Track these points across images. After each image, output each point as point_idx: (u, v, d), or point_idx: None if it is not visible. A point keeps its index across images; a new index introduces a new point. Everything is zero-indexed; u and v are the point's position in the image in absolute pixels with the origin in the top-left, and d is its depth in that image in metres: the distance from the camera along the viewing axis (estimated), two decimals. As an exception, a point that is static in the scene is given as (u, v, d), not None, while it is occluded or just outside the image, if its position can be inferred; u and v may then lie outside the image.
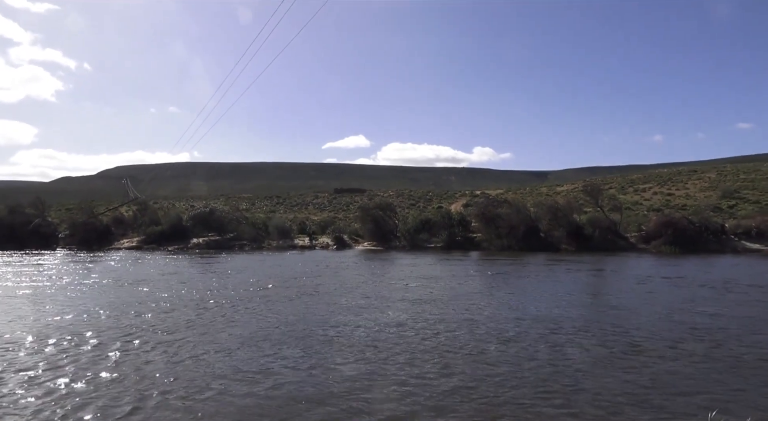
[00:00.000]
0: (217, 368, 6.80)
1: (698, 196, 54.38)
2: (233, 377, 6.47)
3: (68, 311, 10.93)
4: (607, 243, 30.79)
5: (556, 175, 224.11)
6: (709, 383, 6.27)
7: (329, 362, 7.14)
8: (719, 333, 8.81)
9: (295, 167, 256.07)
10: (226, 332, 8.97)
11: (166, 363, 7.06)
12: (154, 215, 41.54)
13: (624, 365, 7.03)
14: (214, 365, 6.98)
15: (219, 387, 6.07)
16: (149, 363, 7.06)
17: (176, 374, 6.55)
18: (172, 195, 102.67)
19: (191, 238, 36.49)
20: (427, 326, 9.44)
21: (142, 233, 37.70)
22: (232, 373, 6.62)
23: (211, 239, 36.24)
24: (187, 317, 10.29)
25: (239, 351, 7.68)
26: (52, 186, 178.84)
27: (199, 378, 6.40)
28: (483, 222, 33.92)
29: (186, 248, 33.98)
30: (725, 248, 29.34)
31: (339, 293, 13.59)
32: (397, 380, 6.32)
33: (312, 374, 6.62)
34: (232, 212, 43.46)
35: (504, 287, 15.20)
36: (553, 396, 5.81)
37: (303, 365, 6.95)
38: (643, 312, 10.79)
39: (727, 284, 15.13)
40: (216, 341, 8.32)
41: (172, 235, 36.32)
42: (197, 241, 35.81)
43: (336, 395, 5.83)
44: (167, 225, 37.33)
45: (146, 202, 51.78)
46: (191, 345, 8.02)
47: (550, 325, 9.47)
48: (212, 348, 7.83)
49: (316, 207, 73.51)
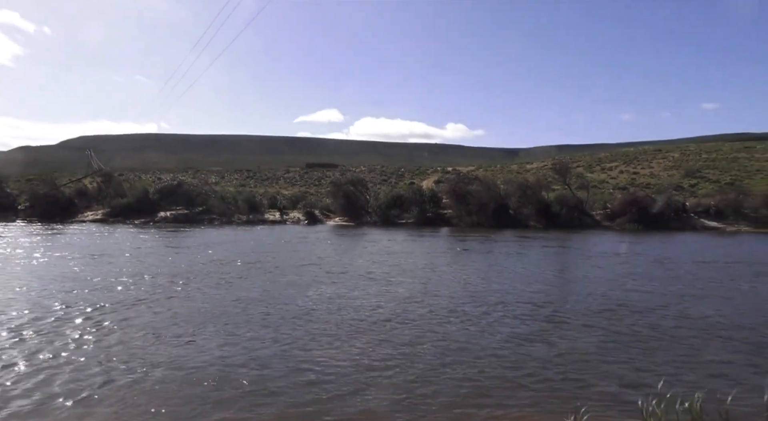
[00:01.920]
0: (155, 350, 6.69)
1: (662, 174, 56.02)
2: (171, 358, 6.40)
3: (18, 285, 10.57)
4: (573, 220, 31.54)
5: (527, 153, 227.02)
6: (604, 357, 6.54)
7: (283, 340, 7.14)
8: (640, 308, 9.14)
9: (266, 141, 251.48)
10: (177, 309, 8.85)
11: (107, 342, 6.93)
12: (119, 188, 40.29)
13: (538, 339, 7.28)
14: (153, 346, 6.89)
15: (150, 372, 5.98)
16: (85, 343, 6.92)
17: (116, 354, 6.44)
18: (139, 167, 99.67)
19: (158, 211, 35.64)
20: (387, 302, 9.53)
21: (107, 205, 36.57)
22: (175, 355, 6.55)
23: (178, 212, 35.48)
24: (143, 292, 10.10)
25: (184, 329, 7.59)
26: (11, 155, 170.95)
27: (140, 358, 6.31)
28: (454, 199, 34.21)
29: (152, 221, 33.18)
30: (685, 226, 30.47)
31: (304, 269, 13.55)
32: (345, 356, 6.38)
33: (270, 353, 6.61)
34: (201, 185, 42.56)
35: (467, 263, 15.47)
36: (452, 369, 5.99)
37: (255, 343, 6.93)
38: (581, 289, 11.14)
39: (674, 261, 15.77)
40: (161, 319, 8.20)
41: (138, 208, 35.35)
42: (164, 214, 35.01)
43: (287, 378, 5.85)
44: (133, 198, 36.29)
45: (111, 174, 50.06)
46: (140, 322, 7.89)
47: (494, 301, 9.71)
48: (157, 326, 7.72)
49: (287, 182, 72.67)
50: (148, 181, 50.90)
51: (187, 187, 38.89)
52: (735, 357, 6.53)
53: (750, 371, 6.06)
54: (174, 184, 38.61)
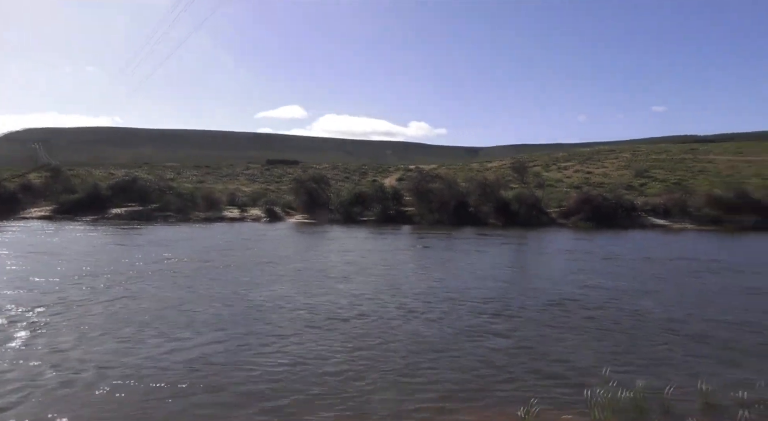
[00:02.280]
0: (90, 352, 6.49)
1: (614, 174, 58.28)
2: (119, 360, 6.23)
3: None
4: (531, 219, 32.37)
5: (487, 152, 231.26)
6: (552, 350, 6.84)
7: (225, 341, 7.05)
8: (587, 303, 9.57)
9: (226, 136, 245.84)
10: (119, 309, 8.59)
11: (38, 345, 6.67)
12: (68, 183, 38.43)
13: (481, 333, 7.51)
14: (88, 348, 6.68)
15: (81, 374, 5.81)
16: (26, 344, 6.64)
17: (48, 356, 6.21)
18: (90, 162, 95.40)
19: (111, 208, 34.25)
20: (341, 299, 9.55)
21: (55, 201, 34.86)
22: (120, 355, 6.37)
23: (133, 209, 34.20)
24: (86, 292, 9.73)
25: (125, 331, 7.39)
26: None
27: (75, 360, 6.11)
28: (416, 196, 34.50)
29: (105, 218, 31.89)
30: (635, 224, 31.82)
31: (259, 267, 13.38)
32: (288, 352, 6.37)
33: (216, 355, 6.52)
34: (157, 181, 41.16)
35: (426, 260, 15.68)
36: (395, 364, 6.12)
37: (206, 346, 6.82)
38: (533, 285, 11.53)
39: (622, 258, 16.51)
40: (100, 320, 7.95)
41: (89, 204, 33.84)
42: (118, 211, 33.68)
43: (227, 376, 5.79)
44: (84, 194, 34.71)
45: (59, 168, 47.76)
46: (78, 323, 7.62)
47: (449, 297, 9.91)
48: (95, 328, 7.48)
49: (247, 178, 71.33)
50: (100, 177, 48.83)
51: (142, 183, 37.56)
52: (672, 348, 6.91)
53: (686, 360, 6.43)
54: (128, 180, 37.22)
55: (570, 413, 4.85)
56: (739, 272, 13.90)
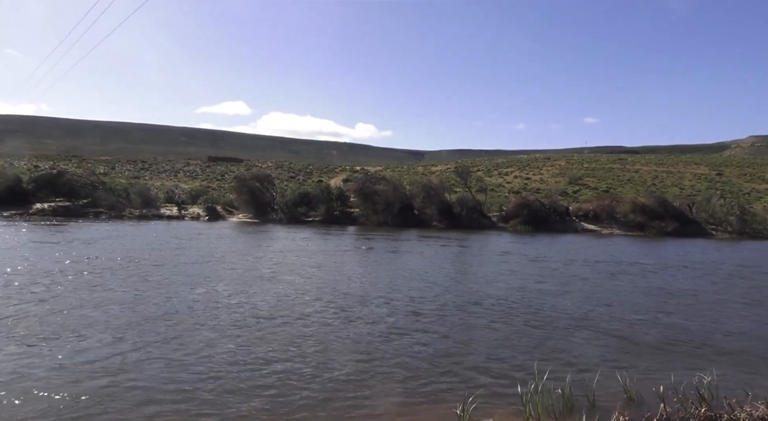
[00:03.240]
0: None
1: (550, 181, 61.05)
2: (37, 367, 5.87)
3: None
4: (473, 221, 33.29)
5: (432, 155, 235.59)
6: (482, 349, 7.16)
7: (145, 348, 6.80)
8: (509, 303, 10.04)
9: (163, 131, 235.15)
10: (25, 313, 8.08)
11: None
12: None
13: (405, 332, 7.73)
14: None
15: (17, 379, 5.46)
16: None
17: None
18: (10, 152, 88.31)
19: (34, 203, 31.90)
20: (278, 303, 9.43)
21: (-32, 194, 31.98)
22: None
23: (59, 204, 31.98)
24: (22, 295, 9.05)
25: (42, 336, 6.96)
26: None
27: (33, 362, 5.69)
28: (361, 198, 34.57)
29: (26, 213, 29.64)
30: (568, 228, 33.49)
31: (190, 267, 12.94)
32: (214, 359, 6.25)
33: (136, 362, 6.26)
34: (87, 175, 38.77)
35: (364, 261, 15.77)
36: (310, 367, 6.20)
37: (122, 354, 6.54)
38: (464, 286, 11.92)
39: (551, 260, 17.36)
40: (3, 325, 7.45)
41: (8, 198, 31.29)
42: (41, 206, 31.40)
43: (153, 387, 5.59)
44: (2, 186, 32.07)
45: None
46: (25, 325, 7.08)
47: (380, 297, 10.06)
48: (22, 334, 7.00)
49: (187, 175, 68.75)
50: (22, 169, 45.35)
51: (69, 177, 35.23)
52: (591, 343, 7.33)
53: (604, 355, 6.84)
54: (53, 173, 34.80)
55: (505, 410, 5.03)
56: (653, 272, 15.03)
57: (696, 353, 7.12)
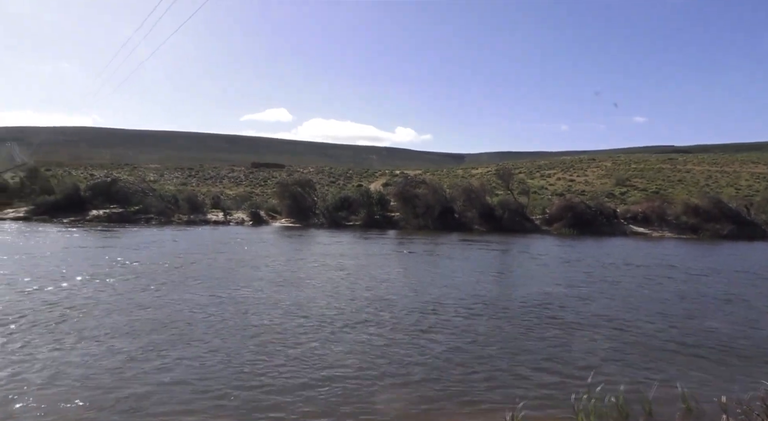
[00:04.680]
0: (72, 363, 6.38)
1: (596, 182, 59.20)
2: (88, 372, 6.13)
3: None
4: (515, 225, 32.66)
5: (472, 158, 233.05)
6: (529, 353, 6.93)
7: (216, 347, 6.97)
8: (557, 307, 9.71)
9: (209, 138, 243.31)
10: (107, 318, 8.45)
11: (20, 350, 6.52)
12: (45, 183, 37.55)
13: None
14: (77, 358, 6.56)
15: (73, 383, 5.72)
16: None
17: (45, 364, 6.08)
18: (69, 162, 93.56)
19: (90, 210, 33.61)
20: (324, 307, 9.52)
21: (31, 202, 34.06)
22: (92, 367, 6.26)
23: (113, 211, 33.58)
24: (71, 297, 9.54)
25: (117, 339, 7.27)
26: None
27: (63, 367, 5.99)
28: (401, 201, 34.57)
29: (83, 220, 31.27)
30: (616, 231, 32.35)
31: (250, 273, 13.26)
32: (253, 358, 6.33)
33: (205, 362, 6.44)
34: (138, 183, 40.56)
35: (408, 266, 15.72)
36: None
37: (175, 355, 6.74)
38: (517, 290, 11.66)
39: (594, 263, 16.76)
40: (90, 327, 7.81)
41: (67, 206, 33.14)
42: (97, 213, 33.05)
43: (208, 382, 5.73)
44: (62, 195, 33.97)
45: (36, 168, 46.70)
46: (78, 330, 7.46)
47: (430, 300, 9.95)
48: (90, 335, 7.35)
49: (231, 181, 70.76)
50: (79, 178, 47.94)
51: (122, 185, 36.95)
52: (645, 351, 7.01)
53: (660, 364, 6.53)
54: (108, 181, 36.58)
55: (555, 418, 4.89)
56: (705, 276, 14.31)
57: (756, 363, 6.70)
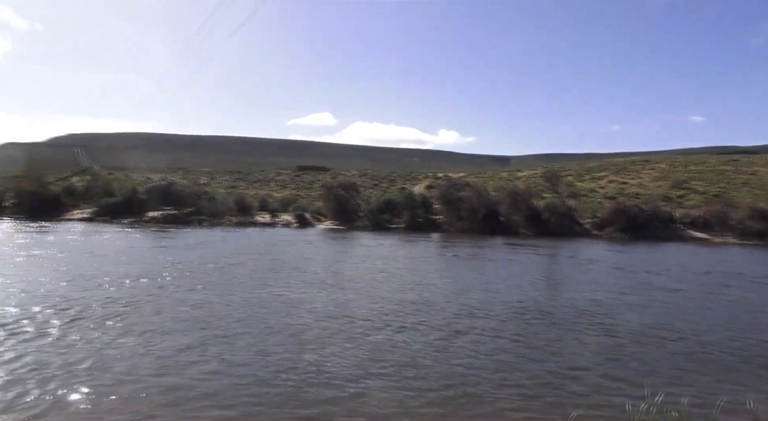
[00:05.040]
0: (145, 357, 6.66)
1: (651, 185, 56.66)
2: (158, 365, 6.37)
3: (10, 282, 10.43)
4: (563, 228, 31.74)
5: (518, 161, 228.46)
6: (581, 363, 6.62)
7: (268, 347, 7.12)
8: (612, 315, 9.27)
9: (257, 143, 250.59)
10: (169, 313, 8.80)
11: (95, 344, 6.86)
12: (107, 186, 39.82)
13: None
14: (144, 351, 6.84)
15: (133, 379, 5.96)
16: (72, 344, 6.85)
17: (103, 357, 6.39)
18: (128, 166, 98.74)
19: (147, 211, 35.29)
20: (374, 307, 9.54)
21: (95, 204, 36.14)
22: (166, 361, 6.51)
23: (168, 212, 35.12)
24: (135, 292, 10.01)
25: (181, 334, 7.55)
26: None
27: (127, 361, 6.26)
28: (445, 204, 34.31)
29: (141, 221, 32.87)
30: (673, 236, 30.82)
31: (293, 274, 13.51)
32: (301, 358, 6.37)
33: (254, 362, 6.59)
34: (191, 186, 42.26)
35: (453, 268, 15.53)
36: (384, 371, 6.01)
37: (249, 350, 6.91)
38: (558, 294, 11.26)
39: (646, 270, 15.97)
40: (155, 321, 8.14)
41: (126, 207, 34.97)
42: (153, 214, 34.66)
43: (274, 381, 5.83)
44: (122, 197, 35.89)
45: (99, 172, 49.59)
46: (130, 324, 7.82)
47: (477, 306, 9.76)
48: (154, 329, 7.67)
49: (278, 184, 72.40)
50: (137, 181, 50.42)
51: (177, 188, 38.59)
52: (705, 363, 6.62)
53: (722, 376, 6.14)
54: (164, 184, 38.31)
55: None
56: None
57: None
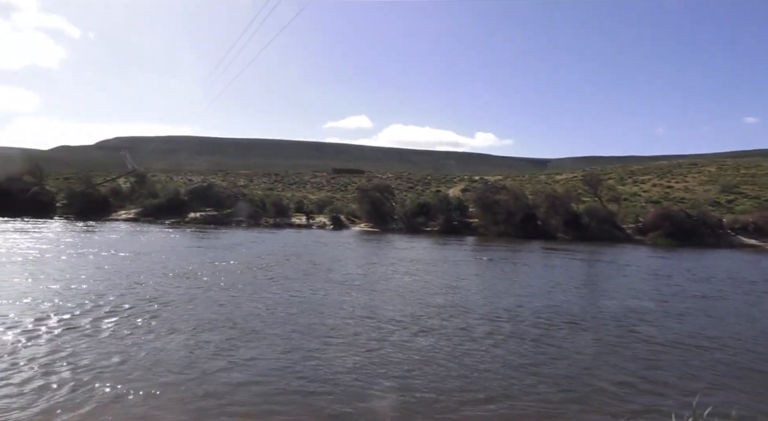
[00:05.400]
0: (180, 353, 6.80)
1: (697, 189, 54.30)
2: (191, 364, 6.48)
3: (59, 279, 10.92)
4: (603, 233, 30.82)
5: (556, 164, 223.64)
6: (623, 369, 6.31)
7: (303, 348, 7.15)
8: (655, 324, 8.85)
9: (294, 145, 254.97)
10: (179, 312, 8.99)
11: (126, 342, 7.06)
12: (151, 188, 41.37)
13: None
14: (182, 349, 6.98)
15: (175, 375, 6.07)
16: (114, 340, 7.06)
17: (152, 355, 6.56)
18: (171, 168, 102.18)
19: (188, 212, 36.41)
20: (403, 310, 9.47)
21: (140, 205, 37.58)
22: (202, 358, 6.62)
23: (208, 213, 36.15)
24: (173, 291, 10.29)
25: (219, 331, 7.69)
26: (50, 154, 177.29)
27: (179, 359, 6.41)
28: (480, 208, 33.90)
29: (183, 221, 33.93)
30: (721, 243, 29.42)
31: (324, 275, 13.60)
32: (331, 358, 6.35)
33: (291, 361, 6.64)
34: (230, 187, 43.37)
35: (489, 273, 15.27)
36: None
37: (279, 350, 6.97)
38: (600, 300, 10.85)
39: (691, 278, 15.22)
40: (200, 317, 8.33)
41: (169, 208, 36.19)
42: (194, 215, 35.73)
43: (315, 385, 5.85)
44: (165, 198, 37.19)
45: (144, 174, 51.51)
46: (175, 321, 8.03)
47: (505, 315, 9.52)
48: (195, 325, 7.84)
49: (314, 186, 73.33)
50: (179, 183, 52.13)
51: (216, 190, 39.67)
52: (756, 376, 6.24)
53: (756, 392, 5.78)
54: (205, 186, 39.45)
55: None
56: None
57: None
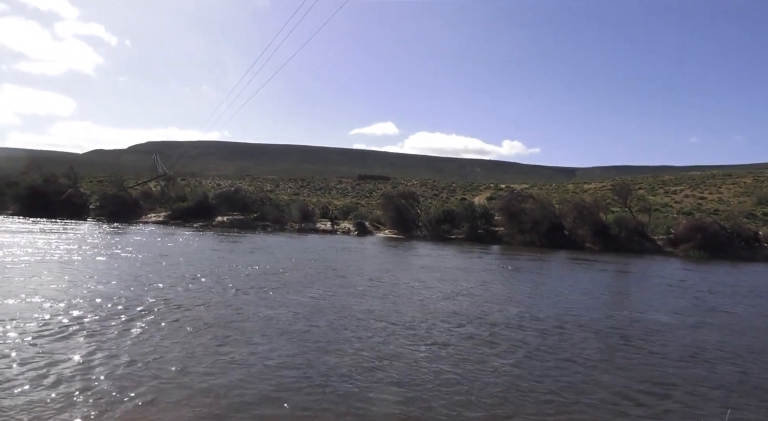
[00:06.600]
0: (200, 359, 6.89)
1: (732, 201, 52.62)
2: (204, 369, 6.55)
3: (89, 280, 11.24)
4: (633, 244, 30.13)
5: (584, 173, 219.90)
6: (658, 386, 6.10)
7: (324, 354, 7.17)
8: (688, 341, 8.56)
9: (320, 151, 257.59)
10: (211, 314, 9.10)
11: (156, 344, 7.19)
12: (181, 192, 42.33)
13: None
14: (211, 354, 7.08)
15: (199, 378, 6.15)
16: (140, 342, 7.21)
17: (176, 356, 6.67)
18: (199, 172, 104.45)
19: (216, 216, 37.11)
20: (432, 320, 9.41)
21: (169, 208, 38.48)
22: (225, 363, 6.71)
23: (235, 217, 36.77)
24: (191, 298, 10.48)
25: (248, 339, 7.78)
26: (85, 158, 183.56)
27: (206, 362, 6.51)
28: (506, 216, 33.55)
29: (210, 225, 34.58)
30: (757, 256, 28.41)
31: (340, 281, 13.64)
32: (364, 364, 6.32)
33: (309, 370, 6.66)
34: (257, 192, 43.99)
35: (516, 283, 15.06)
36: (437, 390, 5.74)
37: (298, 358, 7.00)
38: (629, 313, 10.55)
39: (724, 292, 14.68)
40: (233, 327, 8.44)
41: (197, 212, 36.98)
42: (222, 219, 36.39)
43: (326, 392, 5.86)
44: (193, 202, 38.00)
45: (174, 178, 52.80)
46: (203, 324, 8.16)
47: (549, 326, 9.35)
48: (233, 334, 7.96)
49: (339, 192, 73.87)
50: (207, 187, 53.18)
51: (243, 194, 40.30)
52: None
53: None
54: (232, 191, 40.13)
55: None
56: None
57: None
